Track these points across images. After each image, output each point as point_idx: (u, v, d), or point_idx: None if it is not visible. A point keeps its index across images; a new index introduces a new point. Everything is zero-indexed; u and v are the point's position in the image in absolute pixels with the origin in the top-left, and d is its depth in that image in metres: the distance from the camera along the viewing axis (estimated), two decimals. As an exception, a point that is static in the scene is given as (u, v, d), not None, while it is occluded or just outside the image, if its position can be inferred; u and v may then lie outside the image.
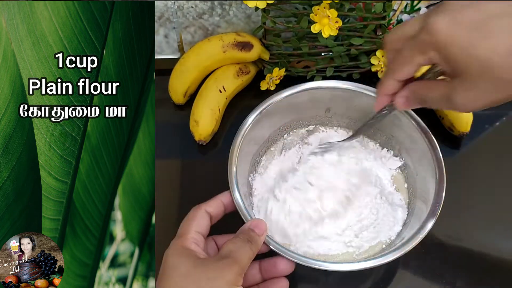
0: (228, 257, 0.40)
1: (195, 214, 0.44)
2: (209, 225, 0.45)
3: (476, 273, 0.52)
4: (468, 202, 0.56)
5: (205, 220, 0.44)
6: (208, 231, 0.45)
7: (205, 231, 0.44)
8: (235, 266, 0.40)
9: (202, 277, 0.39)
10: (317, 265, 0.43)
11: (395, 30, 0.42)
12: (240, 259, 0.41)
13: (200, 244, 0.43)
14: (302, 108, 0.55)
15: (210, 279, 0.39)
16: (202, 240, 0.43)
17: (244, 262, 0.41)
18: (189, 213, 0.45)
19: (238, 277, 0.40)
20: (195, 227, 0.43)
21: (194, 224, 0.43)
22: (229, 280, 0.39)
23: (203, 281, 0.39)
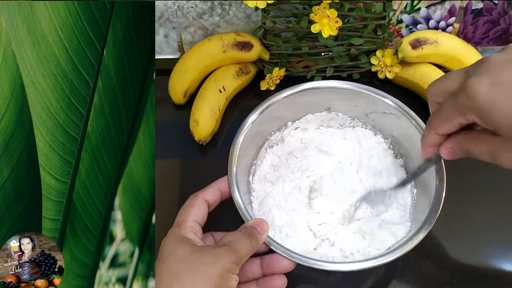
0: (226, 246, 0.41)
1: (193, 203, 0.45)
2: (207, 213, 0.45)
3: (476, 274, 0.52)
4: (467, 202, 0.56)
5: (203, 208, 0.45)
6: (205, 219, 0.45)
7: (203, 220, 0.45)
8: (232, 254, 0.40)
9: (197, 262, 0.39)
10: (317, 265, 0.43)
11: (437, 83, 0.41)
12: (238, 249, 0.41)
13: (198, 233, 0.43)
14: (303, 108, 0.55)
15: (206, 264, 0.39)
16: (200, 229, 0.44)
17: (242, 253, 0.41)
18: (186, 201, 0.45)
19: (234, 266, 0.40)
20: (193, 216, 0.44)
21: (192, 213, 0.44)
22: (224, 266, 0.39)
23: (198, 265, 0.39)
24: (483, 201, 0.56)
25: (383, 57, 0.63)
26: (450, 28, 0.67)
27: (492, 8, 0.65)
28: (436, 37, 0.62)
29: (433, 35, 0.63)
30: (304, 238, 0.49)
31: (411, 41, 0.62)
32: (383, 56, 0.63)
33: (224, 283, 0.39)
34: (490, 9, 0.65)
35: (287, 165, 0.53)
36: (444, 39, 0.63)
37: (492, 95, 0.35)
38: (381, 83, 0.65)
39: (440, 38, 0.62)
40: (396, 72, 0.63)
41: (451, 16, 0.65)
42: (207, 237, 0.45)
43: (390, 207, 0.50)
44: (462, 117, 0.38)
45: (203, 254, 0.40)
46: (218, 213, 0.47)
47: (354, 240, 0.49)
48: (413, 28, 0.67)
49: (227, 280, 0.39)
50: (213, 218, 0.47)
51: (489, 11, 0.65)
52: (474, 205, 0.56)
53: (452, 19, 0.66)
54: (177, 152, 0.62)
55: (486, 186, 0.57)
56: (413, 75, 0.63)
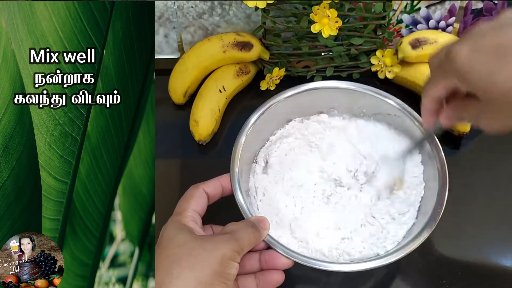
0: (228, 234, 0.41)
1: (193, 193, 0.45)
2: (206, 205, 0.45)
3: (476, 274, 0.52)
4: (468, 203, 0.56)
5: (203, 199, 0.45)
6: (204, 211, 0.45)
7: (202, 211, 0.45)
8: (234, 242, 0.40)
9: (197, 248, 0.39)
10: (318, 265, 0.43)
11: (435, 52, 0.42)
12: (241, 238, 0.41)
13: (198, 223, 0.43)
14: (305, 108, 0.55)
15: (206, 250, 0.39)
16: (200, 219, 0.44)
17: (244, 242, 0.41)
18: (187, 191, 0.45)
19: (235, 253, 0.40)
20: (193, 206, 0.44)
21: (192, 203, 0.44)
22: (225, 253, 0.39)
23: (199, 251, 0.39)
24: (483, 201, 0.56)
25: (383, 57, 0.63)
26: (450, 28, 0.67)
27: (492, 8, 0.65)
28: (436, 37, 0.62)
29: (433, 35, 0.63)
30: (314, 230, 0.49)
31: (411, 41, 0.62)
32: (383, 56, 0.63)
33: (224, 270, 0.39)
34: (490, 9, 0.65)
35: (288, 162, 0.53)
36: (444, 39, 0.63)
37: (470, 58, 0.37)
38: (381, 83, 0.65)
39: (440, 38, 0.62)
40: (396, 72, 0.63)
41: (451, 16, 0.65)
42: (206, 228, 0.45)
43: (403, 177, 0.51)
44: (446, 80, 0.40)
45: (204, 241, 0.40)
46: (218, 213, 0.47)
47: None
48: (413, 28, 0.67)
49: (227, 268, 0.39)
50: (213, 218, 0.47)
51: (489, 11, 0.65)
52: (475, 205, 0.56)
53: (452, 19, 0.66)
54: (177, 152, 0.62)
55: (487, 186, 0.57)
56: (413, 75, 0.63)
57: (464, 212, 0.55)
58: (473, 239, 0.54)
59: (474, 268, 0.52)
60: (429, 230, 0.45)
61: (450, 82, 0.40)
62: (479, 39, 0.37)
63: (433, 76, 0.43)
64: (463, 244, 0.54)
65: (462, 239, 0.54)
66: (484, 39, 0.37)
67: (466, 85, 0.38)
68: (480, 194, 0.57)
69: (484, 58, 0.36)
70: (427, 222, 0.45)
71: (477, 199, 0.57)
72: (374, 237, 0.48)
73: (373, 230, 0.49)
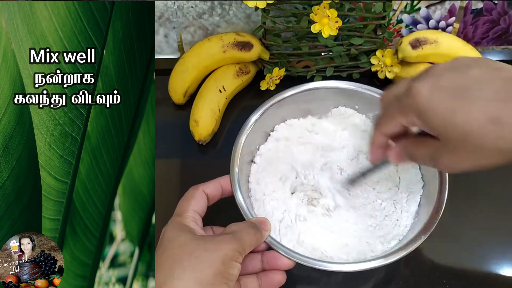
0: (230, 234, 0.41)
1: (193, 194, 0.45)
2: (206, 205, 0.45)
3: (476, 274, 0.52)
4: (468, 203, 0.56)
5: (203, 200, 0.45)
6: (205, 212, 0.45)
7: (202, 211, 0.45)
8: (235, 242, 0.40)
9: (199, 248, 0.39)
10: (319, 265, 0.43)
11: (388, 90, 0.42)
12: (242, 238, 0.41)
13: (199, 223, 0.43)
14: (305, 108, 0.55)
15: (207, 250, 0.39)
16: (200, 220, 0.44)
17: (246, 243, 0.41)
18: (187, 192, 0.45)
19: (236, 254, 0.40)
20: (193, 207, 0.44)
21: (193, 204, 0.44)
22: (227, 253, 0.39)
23: (200, 251, 0.39)
24: (484, 201, 0.56)
25: (383, 57, 0.63)
26: (450, 28, 0.67)
27: (492, 8, 0.65)
28: (436, 37, 0.62)
29: (433, 35, 0.63)
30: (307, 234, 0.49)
31: (411, 41, 0.62)
32: (383, 56, 0.63)
33: (226, 270, 0.39)
34: (490, 9, 0.65)
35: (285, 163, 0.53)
36: (444, 39, 0.63)
37: (430, 97, 0.37)
38: (381, 83, 0.65)
39: (440, 38, 0.62)
40: (396, 72, 0.63)
41: (451, 16, 0.65)
42: (207, 230, 0.46)
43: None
44: (404, 116, 0.39)
45: (206, 242, 0.40)
46: (218, 215, 0.47)
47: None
48: (413, 28, 0.67)
49: (229, 268, 0.39)
50: (213, 219, 0.47)
51: (489, 11, 0.65)
52: (475, 205, 0.56)
53: (452, 19, 0.66)
54: (177, 152, 0.62)
55: (487, 187, 0.57)
56: (413, 75, 0.63)
57: (464, 212, 0.55)
58: (473, 239, 0.54)
59: (474, 268, 0.52)
60: (429, 230, 0.45)
61: (407, 119, 0.39)
62: (440, 79, 0.37)
63: (388, 111, 0.42)
64: (463, 244, 0.54)
65: (462, 239, 0.54)
66: (444, 80, 0.37)
67: (424, 123, 0.38)
68: (480, 194, 0.57)
69: (445, 98, 0.36)
70: (427, 222, 0.45)
71: (477, 199, 0.57)
72: (374, 237, 0.48)
73: (373, 230, 0.49)
